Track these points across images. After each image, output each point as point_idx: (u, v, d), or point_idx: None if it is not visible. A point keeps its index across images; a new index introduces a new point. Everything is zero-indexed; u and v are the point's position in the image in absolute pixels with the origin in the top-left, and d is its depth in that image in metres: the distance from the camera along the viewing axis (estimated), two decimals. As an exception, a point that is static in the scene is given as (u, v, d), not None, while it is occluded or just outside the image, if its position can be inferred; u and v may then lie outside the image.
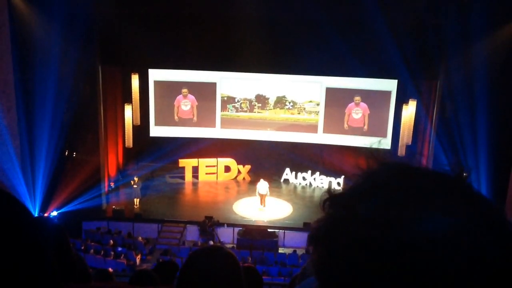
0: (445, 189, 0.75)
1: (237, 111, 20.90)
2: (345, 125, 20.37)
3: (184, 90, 20.61)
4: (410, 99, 18.84)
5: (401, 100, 19.29)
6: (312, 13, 17.39)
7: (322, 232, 0.79)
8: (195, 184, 21.75)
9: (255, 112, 20.85)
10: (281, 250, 17.11)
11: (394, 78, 19.26)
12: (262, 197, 19.14)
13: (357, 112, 20.10)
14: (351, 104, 20.10)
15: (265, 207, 19.14)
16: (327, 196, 0.82)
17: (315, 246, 0.79)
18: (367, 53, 17.28)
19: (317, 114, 20.59)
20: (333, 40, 17.21)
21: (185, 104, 20.78)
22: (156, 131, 20.99)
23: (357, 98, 19.97)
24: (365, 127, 20.16)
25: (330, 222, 0.79)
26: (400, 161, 0.81)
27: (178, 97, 20.71)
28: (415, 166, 0.80)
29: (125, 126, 20.06)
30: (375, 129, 20.13)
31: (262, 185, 19.11)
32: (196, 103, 20.78)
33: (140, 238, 17.15)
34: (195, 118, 20.91)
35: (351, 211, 0.76)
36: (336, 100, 20.27)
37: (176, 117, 20.89)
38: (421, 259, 0.68)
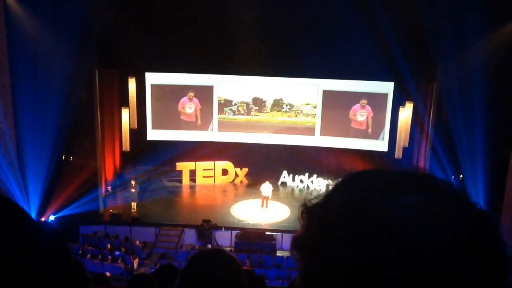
0: (410, 176, 0.81)
1: (234, 114, 20.91)
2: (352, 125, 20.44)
3: (190, 94, 20.61)
4: (406, 102, 18.87)
5: (398, 103, 19.31)
6: (308, 16, 17.45)
7: (302, 234, 0.83)
8: (192, 188, 21.74)
9: (252, 115, 20.86)
10: (279, 253, 17.09)
11: (391, 81, 19.29)
12: (264, 199, 19.19)
13: (362, 114, 20.12)
14: (356, 106, 20.11)
15: (267, 208, 19.18)
16: (302, 208, 0.86)
17: (297, 250, 0.83)
18: (364, 55, 17.33)
19: (314, 116, 20.62)
20: (329, 43, 17.27)
21: (190, 107, 20.77)
22: (153, 134, 20.97)
23: (364, 101, 19.97)
24: (369, 130, 20.19)
25: (308, 224, 0.83)
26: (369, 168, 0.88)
27: (182, 100, 20.70)
28: (382, 167, 0.86)
29: (122, 129, 20.03)
30: (373, 132, 20.19)
31: (266, 187, 19.14)
32: (200, 107, 20.78)
33: (137, 242, 17.11)
34: (199, 121, 20.91)
35: (325, 207, 0.82)
36: (333, 103, 20.30)
37: (181, 119, 20.92)
38: (391, 229, 0.73)
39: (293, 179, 21.85)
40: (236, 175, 22.20)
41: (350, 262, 0.74)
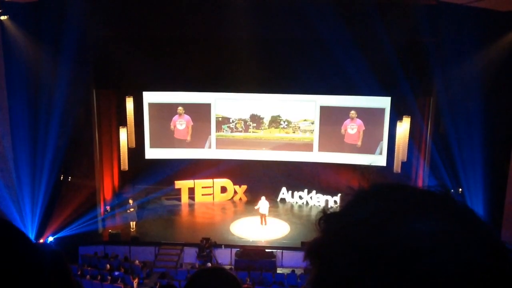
0: (431, 199, 0.79)
1: (232, 132, 20.93)
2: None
3: (180, 109, 20.61)
4: (404, 116, 18.91)
5: (395, 117, 19.35)
6: (304, 33, 17.56)
7: (318, 243, 0.81)
8: (191, 206, 21.67)
9: (250, 132, 20.88)
10: (279, 270, 17.00)
11: (388, 95, 19.35)
12: (262, 216, 19.10)
13: (352, 127, 20.14)
14: (347, 120, 20.14)
15: (266, 225, 19.09)
16: (321, 214, 0.85)
17: (311, 258, 0.81)
18: (361, 71, 17.40)
19: (312, 132, 20.63)
20: (326, 59, 17.35)
21: (181, 123, 20.77)
22: (151, 153, 20.96)
23: (352, 113, 19.99)
24: (359, 143, 20.17)
25: (325, 233, 0.82)
26: (390, 181, 0.86)
27: (174, 118, 20.73)
28: (404, 184, 0.84)
29: (121, 149, 20.03)
30: (370, 146, 20.18)
31: (263, 204, 19.05)
32: (192, 123, 20.77)
33: (137, 262, 17.00)
34: (188, 138, 20.88)
35: (345, 219, 0.80)
36: (331, 119, 20.34)
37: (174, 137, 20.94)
38: (408, 256, 0.71)
39: (292, 196, 21.80)
40: (235, 192, 22.15)
41: (360, 283, 0.72)
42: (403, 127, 18.89)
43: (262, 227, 19.12)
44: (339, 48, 17.05)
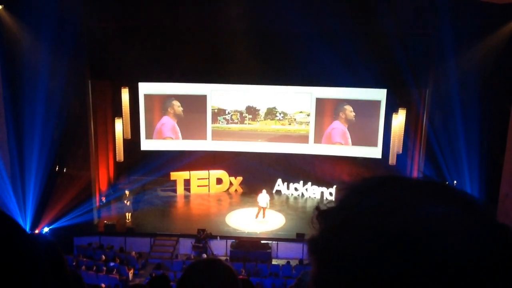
0: (434, 186, 0.81)
1: (228, 123, 20.91)
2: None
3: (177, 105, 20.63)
4: (399, 108, 18.93)
5: (391, 109, 19.37)
6: (300, 25, 17.50)
7: (322, 238, 0.80)
8: (187, 197, 21.67)
9: (245, 123, 20.87)
10: (274, 262, 17.06)
11: (384, 88, 19.36)
12: (261, 209, 18.98)
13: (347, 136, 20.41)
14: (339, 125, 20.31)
15: (264, 218, 19.03)
16: (316, 212, 0.84)
17: (316, 252, 0.80)
18: (356, 63, 17.37)
19: (307, 124, 20.64)
20: (322, 51, 17.31)
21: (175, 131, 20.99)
22: (147, 144, 20.93)
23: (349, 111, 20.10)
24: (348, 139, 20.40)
25: (329, 228, 0.81)
26: (389, 174, 0.87)
27: (165, 121, 20.77)
28: (403, 175, 0.87)
29: (116, 140, 19.99)
30: (366, 139, 20.21)
31: (263, 197, 18.98)
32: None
33: (132, 253, 17.03)
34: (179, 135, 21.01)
35: (350, 212, 0.79)
36: (326, 111, 20.35)
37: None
38: (418, 244, 0.71)
39: (288, 187, 21.82)
40: (231, 184, 22.16)
41: (377, 271, 0.72)
42: (399, 119, 18.92)
43: (257, 220, 19.01)
44: (335, 40, 17.01)
